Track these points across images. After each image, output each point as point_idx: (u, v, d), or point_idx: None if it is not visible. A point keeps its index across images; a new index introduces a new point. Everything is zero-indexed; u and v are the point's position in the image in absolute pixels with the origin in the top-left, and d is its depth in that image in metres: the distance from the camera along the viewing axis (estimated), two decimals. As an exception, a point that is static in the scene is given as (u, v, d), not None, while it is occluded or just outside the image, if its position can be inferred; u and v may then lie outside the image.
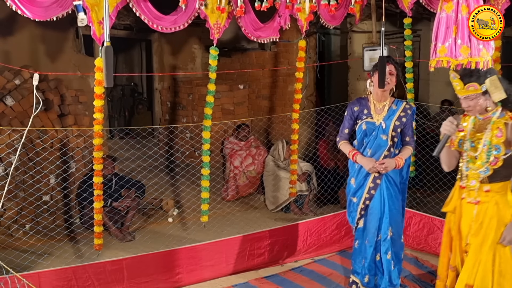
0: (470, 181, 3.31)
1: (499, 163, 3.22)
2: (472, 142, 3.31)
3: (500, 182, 3.26)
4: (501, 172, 3.25)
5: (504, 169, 3.24)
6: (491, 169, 3.24)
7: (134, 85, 10.80)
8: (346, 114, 4.35)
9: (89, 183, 5.17)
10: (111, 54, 3.41)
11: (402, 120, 4.15)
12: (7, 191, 4.61)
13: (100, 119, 4.62)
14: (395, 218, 4.22)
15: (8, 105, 5.74)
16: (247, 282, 4.78)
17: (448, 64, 3.69)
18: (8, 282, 3.72)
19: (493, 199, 3.26)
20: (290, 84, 7.47)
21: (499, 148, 3.22)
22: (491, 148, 3.23)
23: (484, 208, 3.26)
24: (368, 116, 4.20)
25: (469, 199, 3.33)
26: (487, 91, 3.21)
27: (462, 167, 3.38)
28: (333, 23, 5.80)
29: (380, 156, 4.14)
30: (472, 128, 3.34)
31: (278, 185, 6.67)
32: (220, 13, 4.89)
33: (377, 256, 4.26)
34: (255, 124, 7.76)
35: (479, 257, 3.22)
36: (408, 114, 4.17)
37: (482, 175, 3.27)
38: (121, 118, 10.46)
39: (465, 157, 3.35)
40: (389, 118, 4.15)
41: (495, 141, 3.23)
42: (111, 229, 5.71)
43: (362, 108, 4.24)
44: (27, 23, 5.59)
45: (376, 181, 4.17)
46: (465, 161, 3.36)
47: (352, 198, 4.31)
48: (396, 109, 4.18)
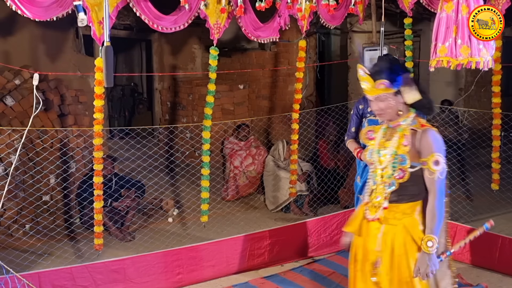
0: (375, 197, 2.95)
1: (406, 177, 2.84)
2: (379, 152, 2.97)
3: (408, 203, 2.88)
4: (408, 189, 2.86)
5: (413, 186, 2.86)
6: (397, 183, 2.87)
7: (134, 85, 10.80)
8: (352, 112, 4.39)
9: (89, 183, 5.17)
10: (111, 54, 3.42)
11: None
12: (7, 191, 4.61)
13: (100, 119, 4.62)
14: None
15: (8, 105, 5.74)
16: (247, 282, 4.78)
17: (448, 64, 3.70)
18: (8, 282, 3.72)
19: (400, 222, 2.87)
20: (290, 84, 7.48)
21: (404, 158, 2.84)
22: (396, 159, 2.87)
23: (392, 233, 2.87)
24: (371, 114, 4.22)
25: (370, 216, 2.96)
26: (399, 91, 2.85)
27: (369, 181, 3.05)
28: (333, 23, 5.80)
29: None
30: (382, 137, 3.00)
31: (278, 185, 6.66)
32: (220, 13, 4.90)
33: None
34: (255, 124, 7.76)
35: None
36: None
37: (388, 190, 2.89)
38: (121, 118, 10.46)
39: (372, 170, 3.03)
40: None
41: (400, 150, 2.86)
42: (111, 229, 5.71)
43: (367, 106, 4.27)
44: (27, 23, 5.59)
45: None
46: (372, 174, 3.03)
47: (359, 195, 4.35)
48: None
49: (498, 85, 5.47)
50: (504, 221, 6.06)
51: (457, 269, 4.97)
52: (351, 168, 6.85)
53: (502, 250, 4.87)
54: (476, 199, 6.73)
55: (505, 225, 5.88)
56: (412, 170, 2.83)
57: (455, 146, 7.13)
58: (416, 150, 2.82)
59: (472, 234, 3.01)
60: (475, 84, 7.26)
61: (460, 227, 5.22)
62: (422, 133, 2.82)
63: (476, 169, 7.08)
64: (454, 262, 4.06)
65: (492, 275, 4.84)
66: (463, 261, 5.10)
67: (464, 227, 5.20)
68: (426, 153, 2.78)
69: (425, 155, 2.79)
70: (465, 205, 6.30)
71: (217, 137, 7.11)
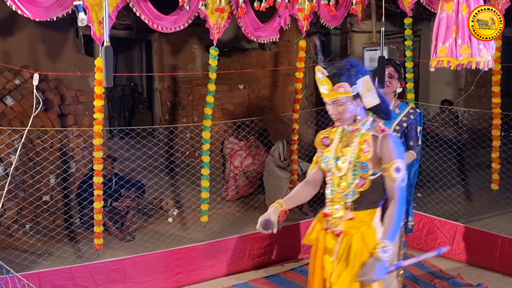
0: (334, 206, 2.78)
1: (367, 184, 2.69)
2: (338, 159, 2.78)
3: (367, 210, 2.73)
4: (368, 197, 2.71)
5: (372, 193, 2.71)
6: (358, 192, 2.71)
7: (134, 85, 10.80)
8: None
9: (89, 183, 5.17)
10: (111, 54, 3.41)
11: (402, 125, 4.07)
12: (7, 191, 4.61)
13: (100, 119, 4.62)
14: None
15: (8, 105, 5.74)
16: (247, 282, 4.78)
17: (448, 64, 3.70)
18: (8, 282, 3.72)
19: (358, 230, 2.70)
20: (290, 84, 7.48)
21: (366, 166, 2.68)
22: (357, 166, 2.70)
23: (348, 243, 2.70)
24: None
25: (332, 229, 2.79)
26: (358, 94, 2.68)
27: (327, 190, 2.85)
28: (333, 23, 5.79)
29: None
30: (339, 143, 2.81)
31: (278, 185, 6.66)
32: (220, 13, 4.90)
33: None
34: (255, 124, 7.76)
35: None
36: (410, 118, 4.07)
37: (347, 199, 2.73)
38: (121, 118, 10.45)
39: (330, 178, 2.82)
40: (390, 122, 4.11)
41: (361, 157, 2.69)
42: (111, 229, 5.71)
43: None
44: (27, 23, 5.59)
45: None
46: (329, 182, 2.83)
47: None
48: (399, 113, 4.11)
49: (498, 85, 5.47)
50: (504, 221, 6.07)
51: (457, 269, 5.00)
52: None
53: (502, 250, 4.87)
54: (476, 199, 6.74)
55: (505, 225, 5.89)
56: (373, 178, 2.69)
57: (455, 146, 7.14)
58: (377, 157, 2.68)
59: (425, 255, 2.85)
60: (475, 84, 7.27)
61: (460, 227, 5.22)
62: (382, 139, 2.68)
63: (476, 169, 7.08)
64: (402, 275, 4.03)
65: (492, 275, 4.84)
66: (463, 261, 5.10)
67: (464, 227, 5.21)
68: (387, 159, 2.66)
69: (386, 162, 2.66)
70: (465, 205, 6.31)
71: (217, 137, 7.11)
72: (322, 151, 2.89)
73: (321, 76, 2.67)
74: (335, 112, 2.71)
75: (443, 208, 6.17)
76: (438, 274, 4.85)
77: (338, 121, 2.75)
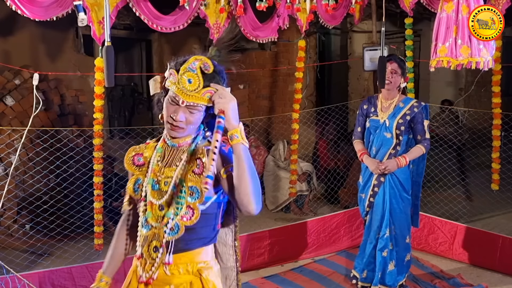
0: (151, 247, 2.10)
1: (195, 217, 2.02)
2: (157, 183, 2.09)
3: (195, 249, 2.08)
4: (197, 233, 2.06)
5: (202, 228, 2.06)
6: (183, 226, 2.02)
7: (134, 85, 10.78)
8: (358, 113, 4.39)
9: (89, 183, 5.17)
10: (112, 54, 3.41)
11: (406, 118, 4.13)
12: (7, 191, 4.61)
13: (100, 119, 4.62)
14: (398, 218, 4.22)
15: (8, 105, 5.74)
16: (247, 282, 4.77)
17: (448, 64, 3.70)
18: (9, 282, 3.72)
19: (185, 279, 2.06)
20: (290, 84, 7.47)
21: (196, 191, 2.01)
22: (184, 192, 2.02)
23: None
24: (374, 114, 4.23)
25: (143, 276, 2.14)
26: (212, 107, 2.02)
27: (140, 225, 2.15)
28: (333, 23, 5.80)
29: (385, 153, 4.16)
30: (158, 162, 2.11)
31: (278, 185, 6.66)
32: (220, 13, 4.90)
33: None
34: (255, 124, 7.76)
35: None
36: (414, 112, 4.14)
37: (168, 237, 2.04)
38: (121, 118, 10.44)
39: (143, 209, 2.12)
40: (394, 116, 4.15)
41: (192, 180, 2.02)
42: (111, 229, 5.71)
43: (370, 106, 4.28)
44: (27, 23, 5.58)
45: (380, 179, 4.21)
46: (143, 214, 2.12)
47: (361, 194, 4.39)
48: (402, 107, 4.17)
49: (498, 85, 5.47)
50: (504, 221, 6.07)
51: (458, 269, 5.00)
52: (351, 168, 6.86)
53: (502, 250, 4.87)
54: (476, 199, 6.74)
55: (505, 225, 5.89)
56: (203, 208, 2.03)
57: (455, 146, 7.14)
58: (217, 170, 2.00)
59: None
60: (475, 84, 7.27)
61: (460, 227, 5.22)
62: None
63: (476, 169, 7.08)
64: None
65: (493, 275, 4.84)
66: (463, 261, 5.10)
67: (464, 227, 5.21)
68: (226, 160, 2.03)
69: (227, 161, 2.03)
70: (465, 205, 6.30)
71: (217, 137, 7.09)
72: (133, 173, 2.18)
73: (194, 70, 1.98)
74: (182, 119, 2.00)
75: (444, 208, 6.18)
76: (439, 274, 4.85)
77: (176, 131, 2.03)
